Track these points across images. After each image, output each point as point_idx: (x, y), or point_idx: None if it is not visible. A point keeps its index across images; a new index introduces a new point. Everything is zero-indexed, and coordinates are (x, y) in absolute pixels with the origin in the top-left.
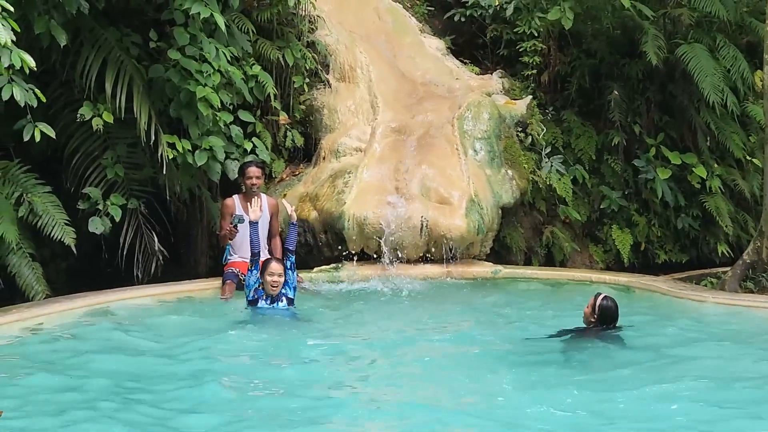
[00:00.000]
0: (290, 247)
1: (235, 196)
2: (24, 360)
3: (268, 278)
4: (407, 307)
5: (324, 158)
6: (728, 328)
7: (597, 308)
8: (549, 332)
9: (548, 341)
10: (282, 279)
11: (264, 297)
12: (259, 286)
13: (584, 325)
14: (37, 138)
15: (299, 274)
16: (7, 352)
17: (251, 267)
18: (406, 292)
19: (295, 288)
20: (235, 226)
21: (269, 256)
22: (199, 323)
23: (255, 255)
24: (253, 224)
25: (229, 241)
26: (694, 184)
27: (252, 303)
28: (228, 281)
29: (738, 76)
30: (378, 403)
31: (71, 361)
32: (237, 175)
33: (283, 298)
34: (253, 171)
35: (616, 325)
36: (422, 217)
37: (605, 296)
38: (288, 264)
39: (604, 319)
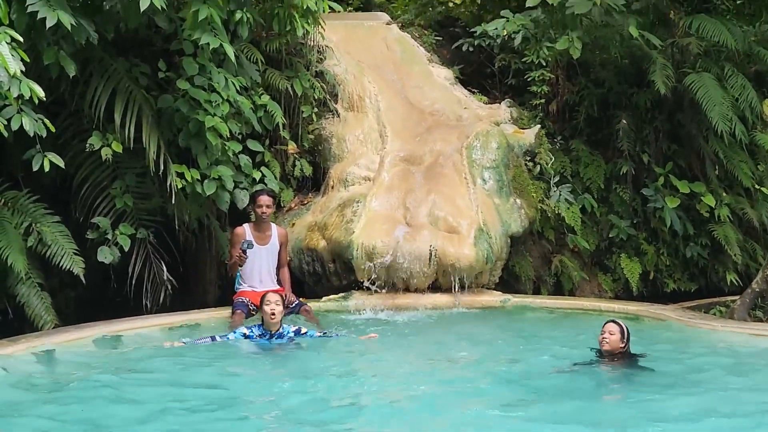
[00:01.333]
0: (331, 335)
1: (246, 225)
2: (31, 390)
3: (266, 308)
4: (417, 338)
5: (332, 187)
6: (739, 358)
7: (628, 335)
8: (573, 361)
9: (576, 371)
10: (279, 307)
11: (260, 335)
12: (248, 331)
13: (606, 355)
14: (46, 168)
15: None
16: (15, 382)
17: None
18: (414, 322)
19: (302, 335)
20: (245, 252)
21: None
22: (205, 354)
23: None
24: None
25: (240, 268)
26: (703, 213)
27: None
28: (238, 311)
29: (746, 105)
30: None
31: (77, 393)
32: (248, 203)
33: (286, 338)
34: (264, 200)
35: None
36: (431, 246)
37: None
38: (320, 334)
39: (629, 345)
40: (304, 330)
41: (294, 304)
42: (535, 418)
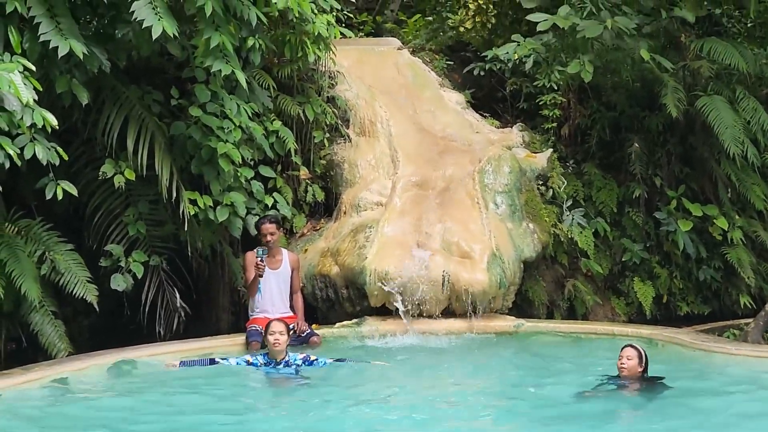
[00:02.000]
0: (344, 360)
1: (257, 249)
2: (43, 418)
3: (270, 338)
4: (432, 364)
5: (345, 213)
6: (754, 381)
7: (646, 358)
8: (591, 386)
9: (596, 396)
10: (284, 337)
11: (264, 363)
12: (253, 359)
13: (626, 379)
14: (60, 196)
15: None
16: (28, 411)
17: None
18: (429, 348)
19: (311, 363)
20: (262, 260)
21: (274, 318)
22: (216, 385)
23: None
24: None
25: (259, 279)
26: (716, 236)
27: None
28: (253, 341)
29: (758, 127)
30: None
31: (91, 419)
32: (256, 231)
33: (293, 366)
34: (267, 228)
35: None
36: (444, 271)
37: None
38: (331, 360)
39: (647, 369)
40: (313, 357)
41: (305, 333)
42: None
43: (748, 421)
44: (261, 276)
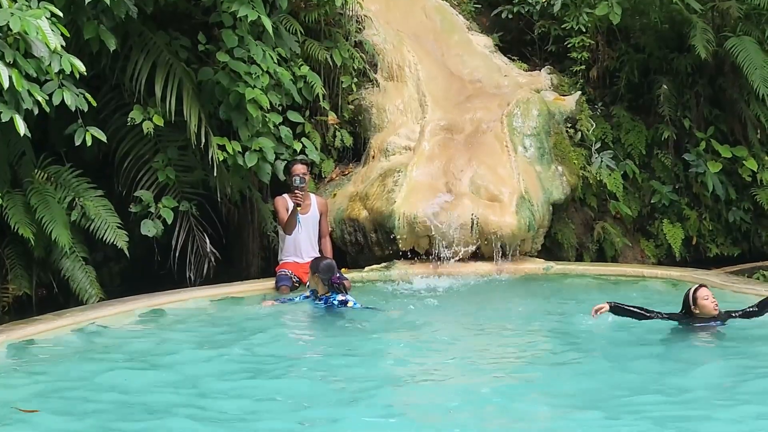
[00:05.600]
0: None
1: (285, 195)
2: (74, 362)
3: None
4: (462, 307)
5: (373, 157)
6: None
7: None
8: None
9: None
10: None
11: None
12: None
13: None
14: (89, 142)
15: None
16: (60, 354)
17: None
18: (459, 291)
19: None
20: (299, 189)
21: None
22: (250, 324)
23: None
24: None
25: (298, 209)
26: (745, 177)
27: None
28: (282, 285)
29: None
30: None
31: (124, 363)
32: (285, 175)
33: (330, 303)
34: (298, 168)
35: None
36: (472, 214)
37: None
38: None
39: None
40: (350, 303)
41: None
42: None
43: None
44: (300, 206)
